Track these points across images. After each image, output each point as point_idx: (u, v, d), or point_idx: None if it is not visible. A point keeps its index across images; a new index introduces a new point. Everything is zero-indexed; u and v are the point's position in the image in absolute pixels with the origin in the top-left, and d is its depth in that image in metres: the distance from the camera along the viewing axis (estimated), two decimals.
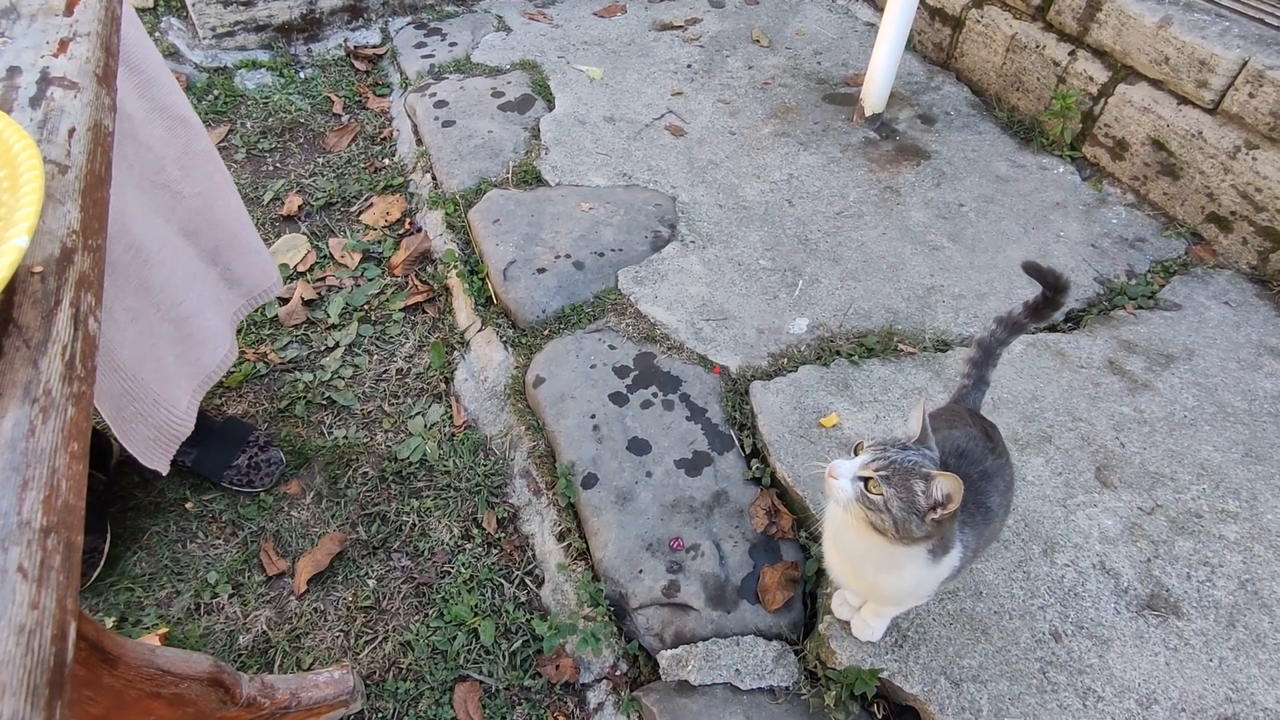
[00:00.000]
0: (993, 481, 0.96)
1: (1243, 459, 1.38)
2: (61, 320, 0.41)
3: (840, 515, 0.86)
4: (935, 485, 0.79)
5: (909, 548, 0.84)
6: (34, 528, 0.34)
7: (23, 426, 0.36)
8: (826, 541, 0.99)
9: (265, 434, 1.46)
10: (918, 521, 0.81)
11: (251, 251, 1.18)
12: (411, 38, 2.57)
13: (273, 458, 1.43)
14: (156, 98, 0.99)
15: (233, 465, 1.39)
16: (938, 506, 0.80)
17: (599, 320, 1.65)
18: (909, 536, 0.82)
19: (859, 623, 1.13)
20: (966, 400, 1.08)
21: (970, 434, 0.99)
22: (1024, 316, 1.06)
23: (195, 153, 1.05)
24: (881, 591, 0.97)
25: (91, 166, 0.52)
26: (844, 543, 0.94)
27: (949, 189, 1.99)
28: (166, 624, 1.25)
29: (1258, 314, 1.66)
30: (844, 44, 2.57)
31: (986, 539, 0.97)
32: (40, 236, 0.44)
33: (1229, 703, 1.08)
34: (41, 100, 0.54)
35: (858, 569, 0.94)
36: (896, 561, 0.87)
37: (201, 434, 1.37)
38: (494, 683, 1.20)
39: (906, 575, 0.89)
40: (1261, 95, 1.67)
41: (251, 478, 1.40)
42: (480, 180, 1.99)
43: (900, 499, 0.80)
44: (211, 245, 1.10)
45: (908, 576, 0.90)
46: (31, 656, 0.30)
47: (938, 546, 0.86)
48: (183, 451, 1.36)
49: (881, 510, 0.81)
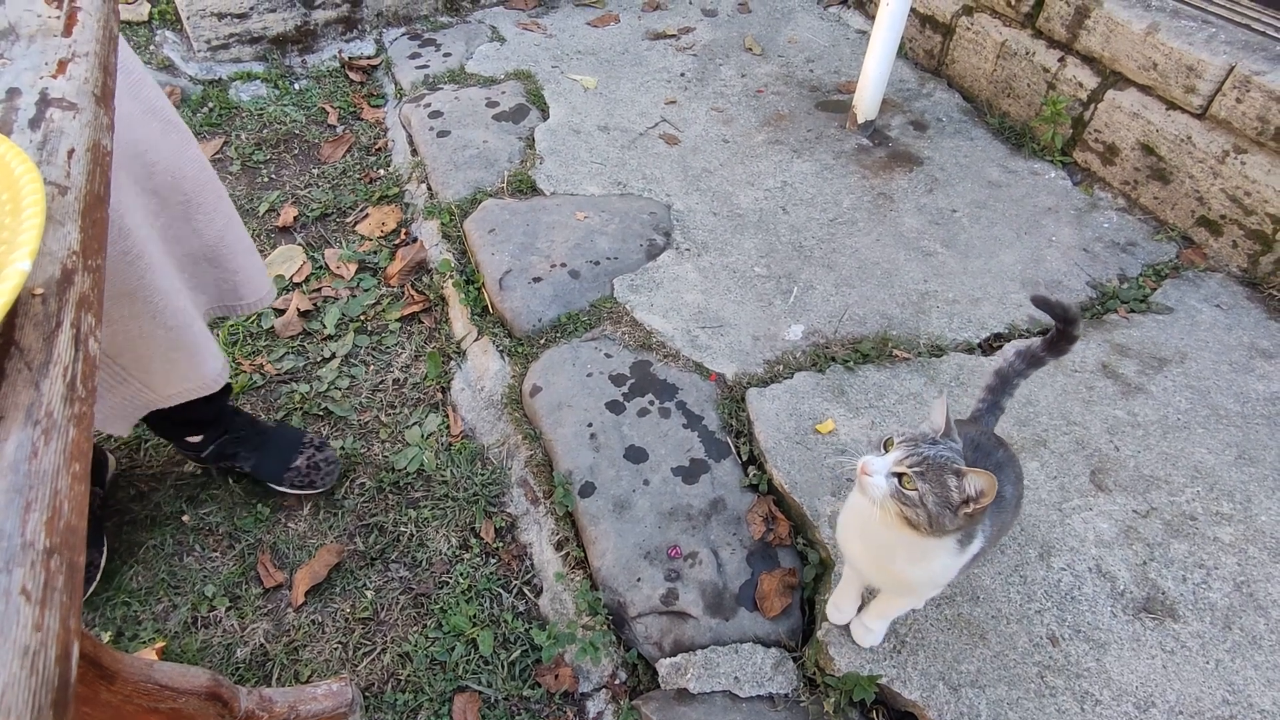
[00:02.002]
0: (1005, 472, 0.98)
1: (1236, 461, 1.39)
2: (63, 342, 0.42)
3: (868, 509, 0.87)
4: (968, 481, 0.81)
5: (940, 539, 0.86)
6: (37, 549, 0.34)
7: (25, 449, 0.36)
8: (848, 535, 1.01)
9: (318, 435, 1.48)
10: (950, 515, 0.82)
11: (231, 268, 1.16)
12: (406, 48, 2.58)
13: (330, 457, 1.44)
14: (148, 99, 0.99)
15: (292, 467, 1.40)
16: (970, 501, 0.82)
17: (595, 329, 1.65)
18: (941, 530, 0.84)
19: (859, 628, 1.13)
20: (980, 423, 1.10)
21: (981, 430, 1.03)
22: (1042, 351, 1.08)
23: (186, 160, 1.03)
24: (905, 582, 0.98)
25: (91, 187, 0.53)
26: (872, 536, 0.95)
27: (942, 195, 2.01)
28: (164, 638, 1.24)
29: (1249, 316, 1.68)
30: (836, 52, 2.59)
31: (1003, 525, 1.00)
32: (41, 258, 0.45)
33: (1226, 705, 1.08)
34: (41, 121, 0.55)
35: (884, 561, 0.96)
36: (927, 552, 0.89)
37: (257, 440, 1.39)
38: (493, 693, 1.20)
39: (934, 564, 0.92)
40: (1249, 100, 1.68)
41: (313, 478, 1.41)
42: (475, 190, 1.99)
43: (935, 494, 0.82)
44: (184, 253, 1.08)
45: (935, 565, 0.92)
46: (36, 678, 0.31)
47: (964, 536, 0.89)
48: (241, 458, 1.38)
49: (917, 505, 0.82)
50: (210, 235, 1.10)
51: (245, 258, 1.18)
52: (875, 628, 1.12)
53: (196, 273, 1.12)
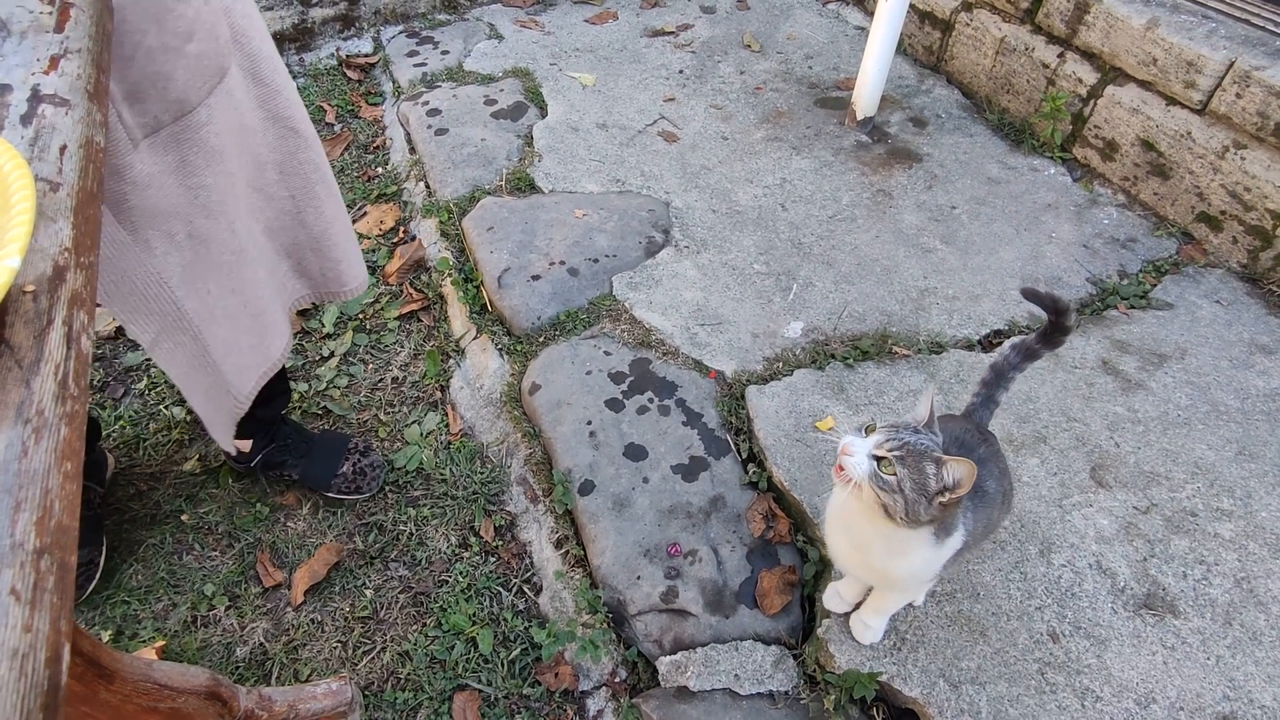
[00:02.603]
0: (987, 467, 0.98)
1: (1236, 457, 1.38)
2: (54, 339, 0.41)
3: (846, 499, 0.87)
4: (947, 470, 0.81)
5: (914, 530, 0.85)
6: (27, 550, 0.34)
7: (15, 448, 0.36)
8: (833, 529, 1.00)
9: (362, 440, 1.48)
10: (925, 504, 0.82)
11: (335, 258, 1.21)
12: (403, 46, 2.57)
13: (375, 461, 1.45)
14: (276, 109, 1.03)
15: (339, 474, 1.41)
16: (946, 490, 0.81)
17: (594, 326, 1.65)
18: (915, 519, 0.83)
19: (858, 625, 1.13)
20: (974, 417, 1.09)
21: (965, 426, 1.02)
22: (1036, 343, 1.08)
23: (300, 161, 1.08)
24: (889, 576, 0.98)
25: (83, 184, 0.52)
26: (852, 527, 0.95)
27: (941, 191, 2.00)
28: (163, 637, 1.24)
29: (1249, 312, 1.67)
30: (835, 48, 2.58)
31: (987, 523, 0.99)
32: (32, 255, 0.44)
33: (1227, 701, 1.08)
34: (33, 118, 0.54)
35: (865, 555, 0.95)
36: (904, 544, 0.89)
37: (304, 447, 1.40)
38: (493, 691, 1.20)
39: (914, 558, 0.91)
40: (1249, 95, 1.68)
41: (359, 483, 1.42)
42: (474, 188, 1.99)
43: (913, 480, 0.81)
44: (290, 242, 1.14)
45: (915, 559, 0.91)
46: (25, 681, 0.30)
47: (941, 529, 0.88)
48: (289, 466, 1.39)
49: (894, 491, 0.82)
50: (317, 228, 1.15)
51: (348, 246, 1.22)
52: (874, 624, 1.11)
53: (302, 261, 1.17)
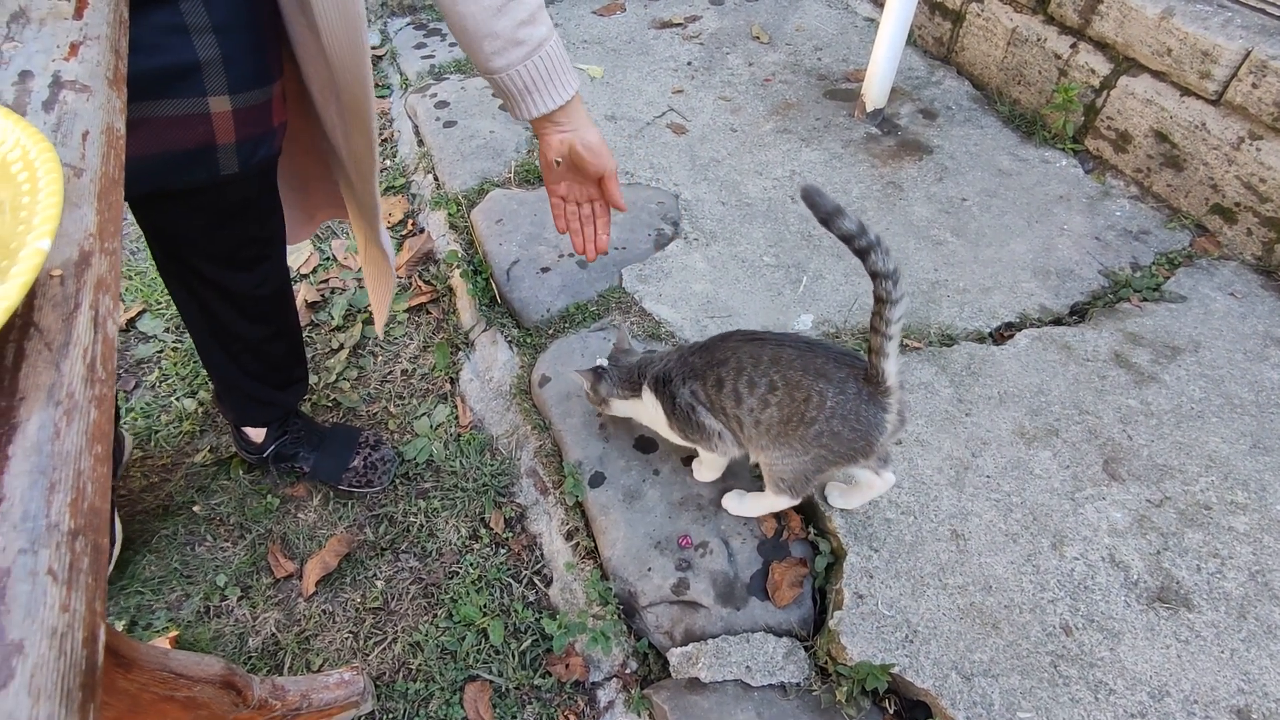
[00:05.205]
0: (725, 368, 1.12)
1: (1251, 450, 1.38)
2: (81, 323, 0.41)
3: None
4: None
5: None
6: (62, 530, 0.34)
7: (48, 429, 0.36)
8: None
9: (373, 433, 1.48)
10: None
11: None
12: (411, 38, 2.57)
13: (386, 455, 1.45)
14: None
15: (350, 467, 1.41)
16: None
17: (604, 319, 1.65)
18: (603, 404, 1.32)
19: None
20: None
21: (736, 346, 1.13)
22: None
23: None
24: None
25: (106, 169, 0.52)
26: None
27: (951, 183, 1.99)
28: (177, 627, 1.25)
29: (1263, 305, 1.66)
30: (844, 39, 2.57)
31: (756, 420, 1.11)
32: (58, 240, 0.44)
33: (1241, 694, 1.08)
34: (55, 103, 0.54)
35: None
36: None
37: (315, 440, 1.41)
38: (504, 682, 1.20)
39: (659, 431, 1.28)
40: (1265, 85, 1.66)
41: (370, 477, 1.42)
42: (482, 180, 1.99)
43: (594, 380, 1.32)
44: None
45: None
46: (64, 660, 0.30)
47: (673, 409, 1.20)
48: (300, 458, 1.40)
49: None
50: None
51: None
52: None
53: None
